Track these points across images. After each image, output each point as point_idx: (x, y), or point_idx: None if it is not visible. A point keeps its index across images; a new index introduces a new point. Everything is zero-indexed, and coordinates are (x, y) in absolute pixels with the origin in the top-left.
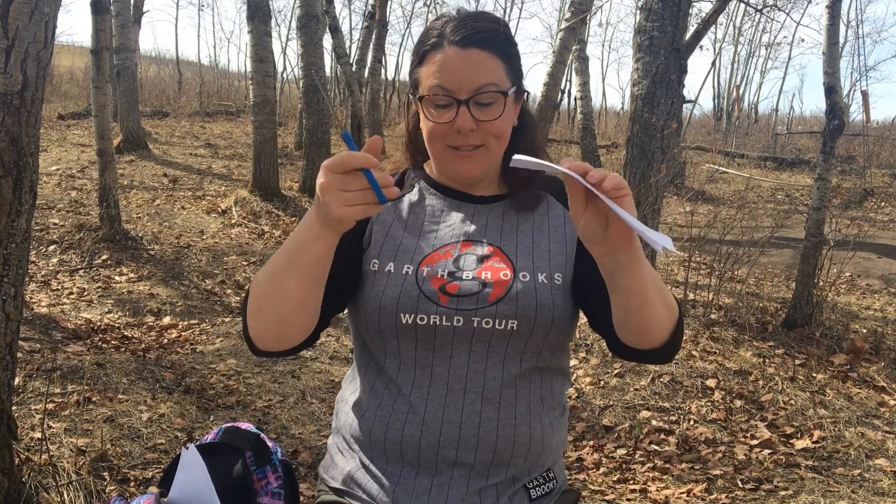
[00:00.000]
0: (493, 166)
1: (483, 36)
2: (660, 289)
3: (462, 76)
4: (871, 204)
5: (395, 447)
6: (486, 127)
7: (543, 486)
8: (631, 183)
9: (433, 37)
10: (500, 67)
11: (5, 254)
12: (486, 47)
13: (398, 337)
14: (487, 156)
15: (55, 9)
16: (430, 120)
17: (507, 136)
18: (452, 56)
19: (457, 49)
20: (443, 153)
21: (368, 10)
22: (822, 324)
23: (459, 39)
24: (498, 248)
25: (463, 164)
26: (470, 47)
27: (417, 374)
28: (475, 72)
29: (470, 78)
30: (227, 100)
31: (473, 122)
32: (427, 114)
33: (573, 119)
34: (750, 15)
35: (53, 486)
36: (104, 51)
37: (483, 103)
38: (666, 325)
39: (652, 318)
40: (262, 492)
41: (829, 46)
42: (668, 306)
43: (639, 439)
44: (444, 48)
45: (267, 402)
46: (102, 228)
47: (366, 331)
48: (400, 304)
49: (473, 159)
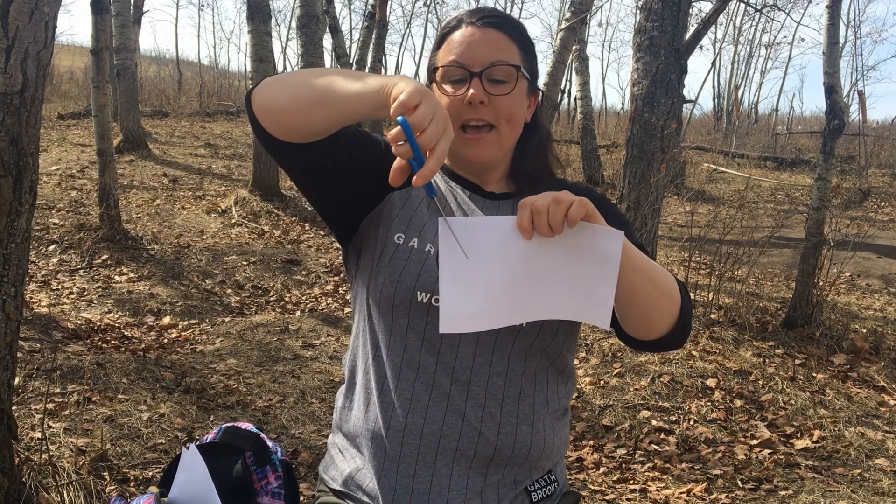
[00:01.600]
0: (503, 157)
1: (500, 20)
2: (652, 278)
3: (477, 51)
4: (870, 204)
5: (397, 434)
6: (496, 103)
7: (545, 488)
8: (631, 183)
9: (452, 23)
10: (516, 52)
11: (5, 254)
12: (502, 29)
13: (409, 314)
14: (498, 140)
15: (55, 9)
16: (444, 95)
17: (519, 123)
18: (469, 33)
19: (474, 27)
20: (456, 137)
21: (368, 10)
22: (822, 324)
23: (477, 20)
24: None
25: (473, 148)
26: (487, 27)
27: (423, 358)
28: (490, 48)
29: (485, 53)
30: (227, 100)
31: (485, 94)
32: (441, 90)
33: (573, 119)
34: (750, 15)
35: (53, 486)
36: (104, 51)
37: (496, 79)
38: (666, 313)
39: (647, 308)
40: (262, 492)
41: (829, 46)
42: (667, 294)
43: (639, 439)
44: (461, 28)
45: (267, 401)
46: (102, 228)
47: (377, 303)
48: (419, 282)
49: (483, 143)
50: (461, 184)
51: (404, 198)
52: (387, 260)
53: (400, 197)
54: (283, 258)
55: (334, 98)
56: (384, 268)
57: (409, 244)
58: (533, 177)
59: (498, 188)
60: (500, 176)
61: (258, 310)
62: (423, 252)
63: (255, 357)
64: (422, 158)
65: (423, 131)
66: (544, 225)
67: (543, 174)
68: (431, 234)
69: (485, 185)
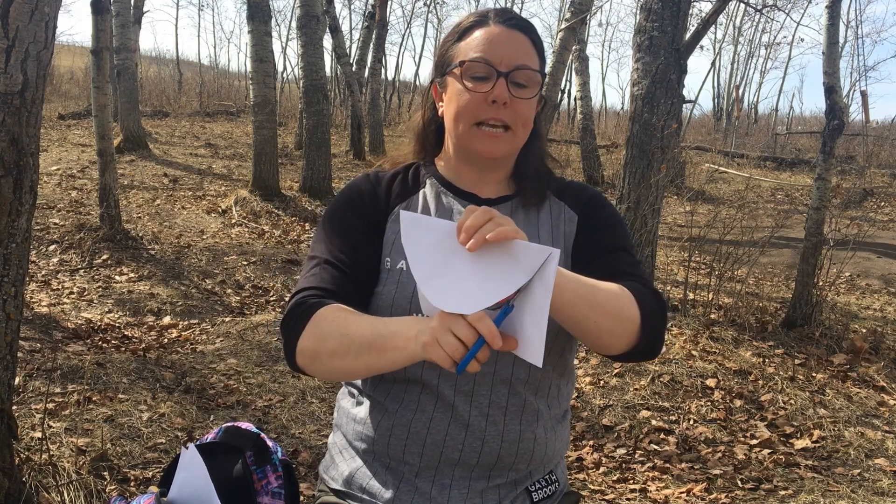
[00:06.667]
0: (510, 157)
1: (526, 24)
2: (596, 305)
3: (505, 51)
4: (870, 204)
5: (399, 443)
6: (517, 106)
7: (545, 488)
8: (631, 183)
9: (474, 18)
10: (537, 59)
11: (5, 254)
12: (528, 34)
13: None
14: (513, 141)
15: (55, 9)
16: (466, 90)
17: (530, 125)
18: (498, 32)
19: (503, 27)
20: (468, 132)
21: (368, 10)
22: (822, 323)
23: (505, 20)
24: None
25: (489, 143)
26: (514, 29)
27: (425, 374)
28: (518, 50)
29: (513, 55)
30: (227, 100)
31: (509, 95)
32: (463, 84)
33: (573, 119)
34: (750, 15)
35: (54, 486)
36: (104, 51)
37: (519, 83)
38: (618, 334)
39: (594, 334)
40: (262, 491)
41: (829, 46)
42: (617, 318)
43: (639, 439)
44: (489, 25)
45: (267, 401)
46: (103, 228)
47: None
48: (413, 303)
49: (499, 140)
50: (457, 195)
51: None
52: (381, 287)
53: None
54: (283, 258)
55: (379, 366)
56: (379, 296)
57: (398, 266)
58: (535, 178)
59: (495, 192)
60: (502, 177)
61: (258, 310)
62: None
63: (256, 357)
64: (471, 355)
65: None
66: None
67: (543, 174)
68: None
69: (481, 191)
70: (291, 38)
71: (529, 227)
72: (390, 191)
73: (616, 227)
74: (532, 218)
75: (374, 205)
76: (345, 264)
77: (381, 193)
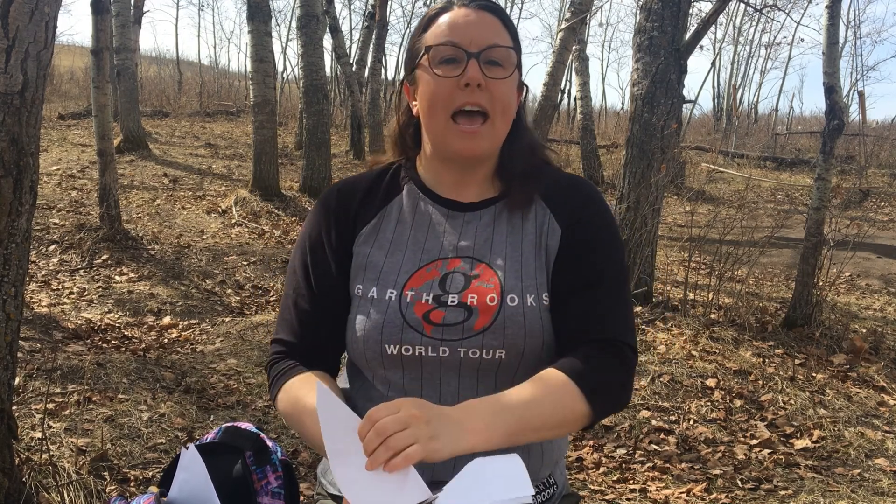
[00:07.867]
0: (494, 152)
1: (493, 5)
2: (535, 428)
3: (474, 31)
4: (870, 204)
5: None
6: (493, 88)
7: (544, 492)
8: (631, 183)
9: (438, 6)
10: (508, 38)
11: (5, 254)
12: (496, 14)
13: (384, 366)
14: (492, 134)
15: (55, 9)
16: (436, 78)
17: (511, 115)
18: (463, 14)
19: (468, 9)
20: (444, 129)
21: (368, 10)
22: (822, 324)
23: (470, 2)
24: (487, 264)
25: (467, 140)
26: (481, 10)
27: (410, 393)
28: (487, 30)
29: (481, 35)
30: (227, 100)
31: (483, 76)
32: (431, 74)
33: (573, 119)
34: (750, 15)
35: (53, 486)
36: (104, 51)
37: (493, 60)
38: (566, 432)
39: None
40: (262, 492)
41: (829, 46)
42: (562, 425)
43: (638, 439)
44: (453, 10)
45: (267, 401)
46: (103, 228)
47: (353, 357)
48: (384, 335)
49: (478, 137)
50: (436, 201)
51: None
52: (353, 317)
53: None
54: (283, 258)
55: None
56: (351, 326)
57: (369, 294)
58: (522, 175)
59: (478, 194)
60: (485, 176)
61: (258, 310)
62: (384, 301)
63: (256, 357)
64: None
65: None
66: (370, 450)
67: (532, 170)
68: (392, 276)
69: (462, 194)
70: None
71: (513, 238)
72: (365, 200)
73: (601, 245)
74: (516, 227)
75: (342, 227)
76: (314, 299)
77: (351, 210)
